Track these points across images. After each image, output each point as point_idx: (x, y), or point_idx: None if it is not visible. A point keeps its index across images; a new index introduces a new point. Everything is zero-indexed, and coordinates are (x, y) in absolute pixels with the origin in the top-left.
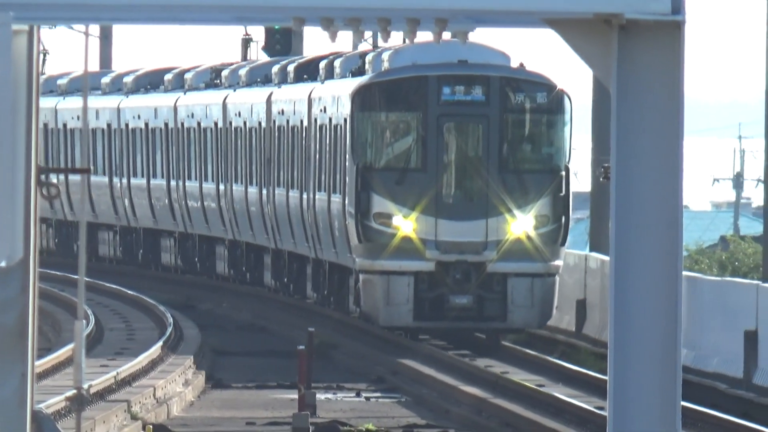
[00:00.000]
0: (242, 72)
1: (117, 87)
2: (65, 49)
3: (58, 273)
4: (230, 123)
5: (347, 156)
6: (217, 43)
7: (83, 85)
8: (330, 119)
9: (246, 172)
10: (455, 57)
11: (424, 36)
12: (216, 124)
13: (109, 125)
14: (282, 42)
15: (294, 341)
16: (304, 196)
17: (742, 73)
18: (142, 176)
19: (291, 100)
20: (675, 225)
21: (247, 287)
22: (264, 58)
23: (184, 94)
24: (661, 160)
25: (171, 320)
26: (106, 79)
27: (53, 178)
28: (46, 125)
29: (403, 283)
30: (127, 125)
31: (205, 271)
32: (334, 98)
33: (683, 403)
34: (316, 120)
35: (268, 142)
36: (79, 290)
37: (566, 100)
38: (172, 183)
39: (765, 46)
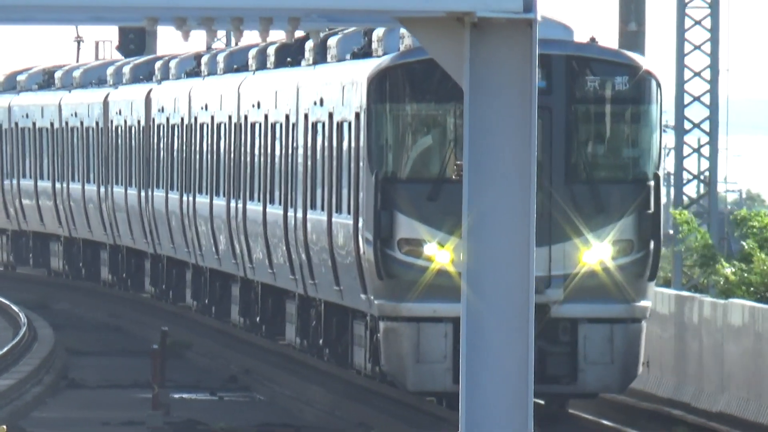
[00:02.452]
0: (219, 57)
1: None
2: None
3: None
4: (195, 118)
5: (361, 163)
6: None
7: None
8: (331, 115)
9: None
10: None
11: (277, 35)
12: (183, 119)
13: None
14: (136, 42)
15: (149, 341)
16: (290, 214)
17: None
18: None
19: (272, 89)
20: (527, 221)
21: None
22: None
23: (114, 89)
24: (513, 158)
25: (25, 320)
26: None
27: None
28: None
29: (439, 333)
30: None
31: (90, 278)
32: (339, 86)
33: None
34: (307, 116)
35: (238, 143)
36: None
37: (654, 85)
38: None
39: None
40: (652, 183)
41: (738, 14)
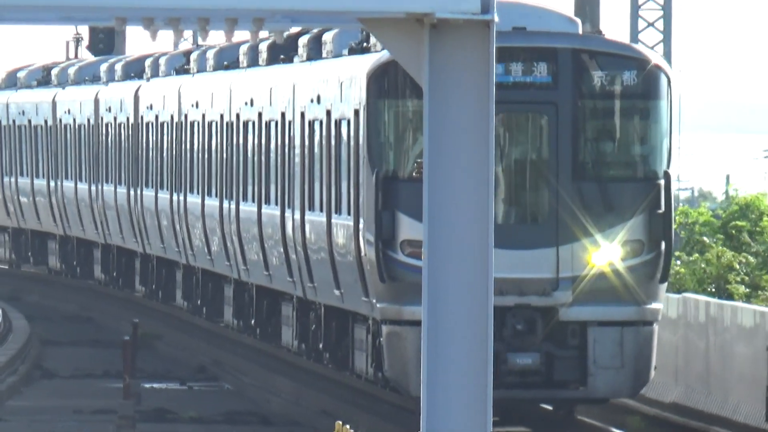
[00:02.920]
0: (209, 54)
1: None
2: None
3: None
4: (185, 115)
5: (361, 162)
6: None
7: None
8: (329, 112)
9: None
10: (509, 23)
11: (241, 35)
12: (173, 117)
13: None
14: (105, 41)
15: (120, 332)
16: (287, 215)
17: None
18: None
19: (267, 86)
20: (485, 222)
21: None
22: (88, 57)
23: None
24: (471, 156)
25: (0, 312)
26: None
27: None
28: None
29: None
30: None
31: (84, 276)
32: (337, 82)
33: None
34: (303, 114)
35: (230, 142)
36: None
37: (663, 79)
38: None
39: None
40: (662, 182)
41: (690, 16)
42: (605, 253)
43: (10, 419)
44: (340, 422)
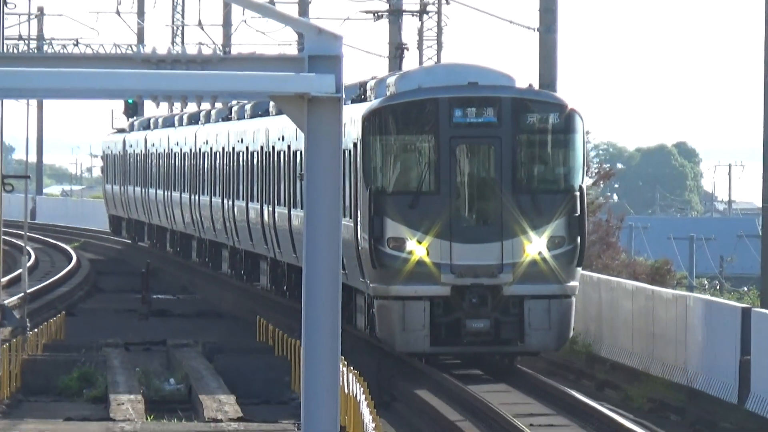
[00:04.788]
0: (247, 107)
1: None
2: None
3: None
4: (233, 147)
5: (359, 181)
6: None
7: None
8: None
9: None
10: (464, 79)
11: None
12: (223, 149)
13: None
14: (133, 107)
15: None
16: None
17: None
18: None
19: (293, 126)
20: (336, 234)
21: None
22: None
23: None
24: (330, 180)
25: (74, 256)
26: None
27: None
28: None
29: (419, 308)
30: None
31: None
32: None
33: None
34: None
35: (268, 165)
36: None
37: (578, 118)
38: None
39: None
40: (578, 193)
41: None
42: (536, 245)
43: (81, 315)
44: (259, 316)
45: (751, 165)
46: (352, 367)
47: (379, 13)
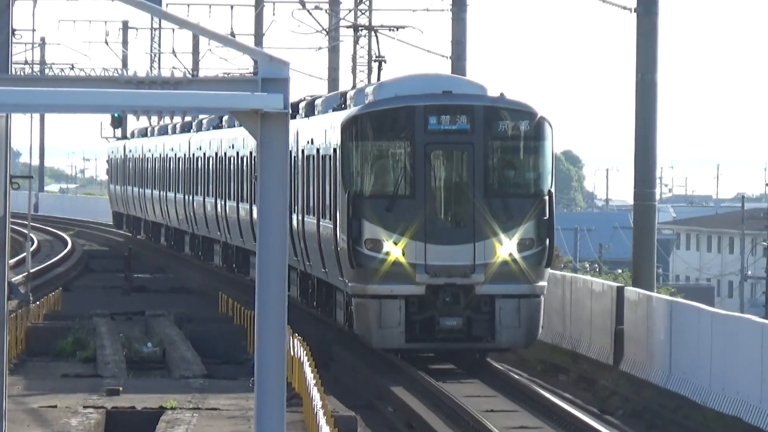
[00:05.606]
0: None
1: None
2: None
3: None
4: (224, 152)
5: (338, 184)
6: None
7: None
8: (318, 150)
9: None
10: (439, 88)
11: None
12: (216, 154)
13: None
14: (118, 119)
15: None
16: (294, 216)
17: None
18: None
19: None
20: (284, 232)
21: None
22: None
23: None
24: (279, 184)
25: (70, 241)
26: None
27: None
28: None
29: (395, 306)
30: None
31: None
32: (323, 130)
33: None
34: (303, 151)
35: (238, 168)
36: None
37: (547, 126)
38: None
39: None
40: (547, 197)
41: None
42: (507, 247)
43: (75, 291)
44: (221, 292)
45: (626, 169)
46: (297, 334)
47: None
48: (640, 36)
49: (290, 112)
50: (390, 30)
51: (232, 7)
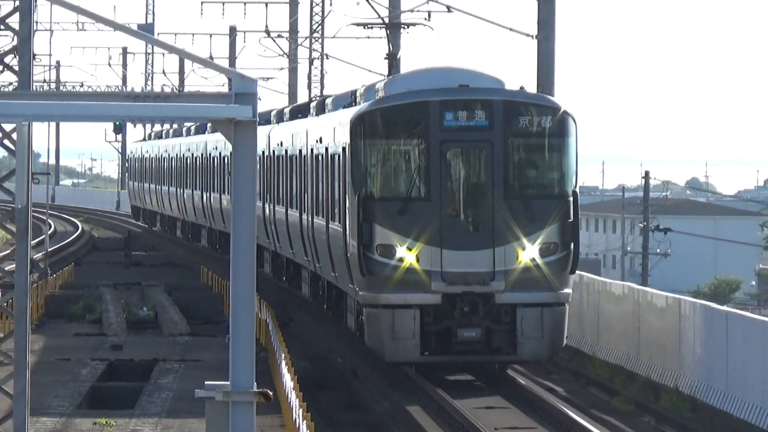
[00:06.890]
0: (286, 110)
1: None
2: None
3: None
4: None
5: (347, 186)
6: None
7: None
8: (327, 149)
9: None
10: (455, 82)
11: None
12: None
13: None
14: (119, 126)
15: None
16: (304, 217)
17: None
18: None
19: (290, 133)
20: (252, 222)
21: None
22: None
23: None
24: (248, 181)
25: (80, 225)
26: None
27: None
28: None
29: (409, 317)
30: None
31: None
32: (332, 128)
33: None
34: (312, 150)
35: (266, 169)
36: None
37: (571, 122)
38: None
39: None
40: (571, 198)
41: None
42: (529, 252)
43: (84, 265)
44: (203, 266)
45: None
46: (264, 300)
47: (370, 25)
48: (540, 60)
49: (258, 120)
50: (403, 28)
51: (210, 35)
